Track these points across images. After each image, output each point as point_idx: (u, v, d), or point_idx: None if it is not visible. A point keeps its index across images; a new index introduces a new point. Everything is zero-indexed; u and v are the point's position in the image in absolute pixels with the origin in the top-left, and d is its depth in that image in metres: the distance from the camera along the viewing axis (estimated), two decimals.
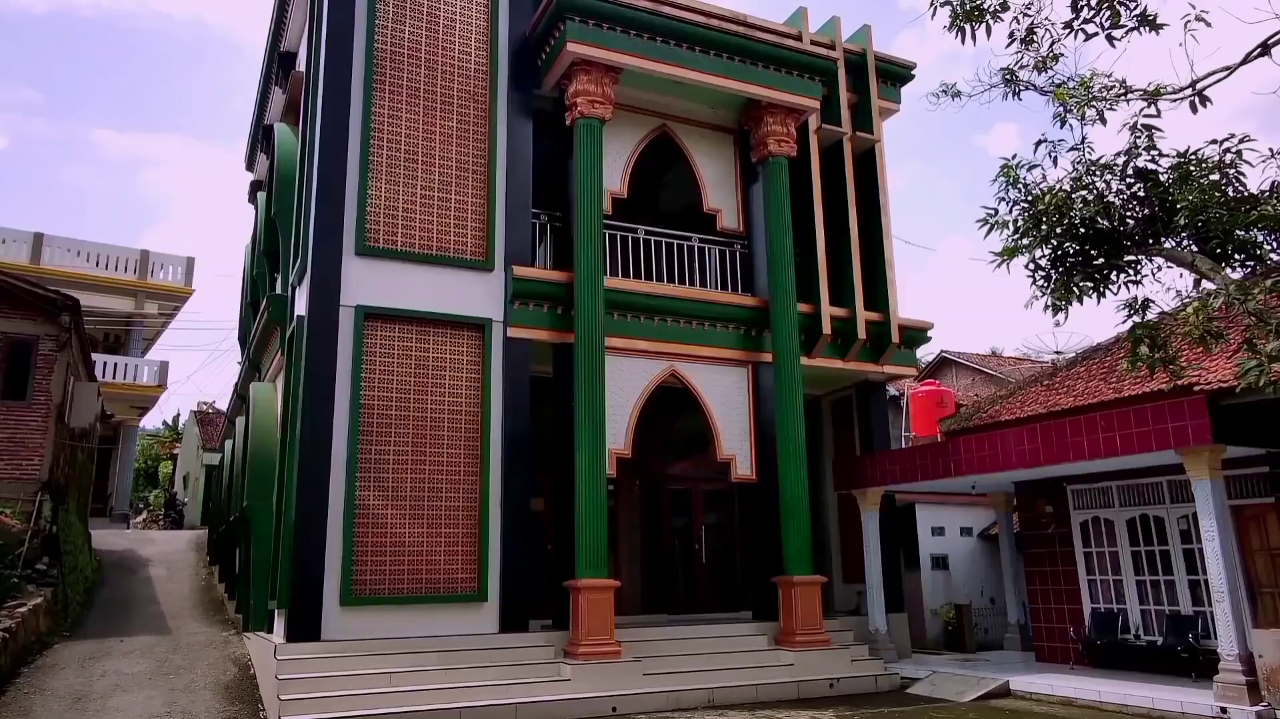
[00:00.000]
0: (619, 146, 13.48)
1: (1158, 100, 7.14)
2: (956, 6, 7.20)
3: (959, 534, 18.61)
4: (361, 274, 11.48)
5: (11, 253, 24.55)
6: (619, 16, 12.56)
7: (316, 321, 11.16)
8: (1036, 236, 7.86)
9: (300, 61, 15.31)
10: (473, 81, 12.74)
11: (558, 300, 12.39)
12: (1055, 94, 7.49)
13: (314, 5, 13.40)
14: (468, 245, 12.21)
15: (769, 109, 13.86)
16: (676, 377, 13.21)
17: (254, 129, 20.03)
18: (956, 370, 27.60)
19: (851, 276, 14.60)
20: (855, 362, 14.62)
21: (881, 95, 15.86)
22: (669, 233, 14.13)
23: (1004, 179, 8.11)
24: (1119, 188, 7.62)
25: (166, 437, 38.85)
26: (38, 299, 13.88)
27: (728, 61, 13.41)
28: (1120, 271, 7.63)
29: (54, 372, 14.01)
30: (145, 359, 27.61)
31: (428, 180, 12.15)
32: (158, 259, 27.39)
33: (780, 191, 13.74)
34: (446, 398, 11.70)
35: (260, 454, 12.65)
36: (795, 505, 12.75)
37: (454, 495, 11.46)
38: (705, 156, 14.38)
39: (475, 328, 12.02)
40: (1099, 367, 13.39)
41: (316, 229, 11.43)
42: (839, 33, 15.66)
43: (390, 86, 12.20)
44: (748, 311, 13.66)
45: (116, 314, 26.72)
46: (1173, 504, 12.11)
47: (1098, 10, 6.80)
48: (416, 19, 12.56)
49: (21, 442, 13.49)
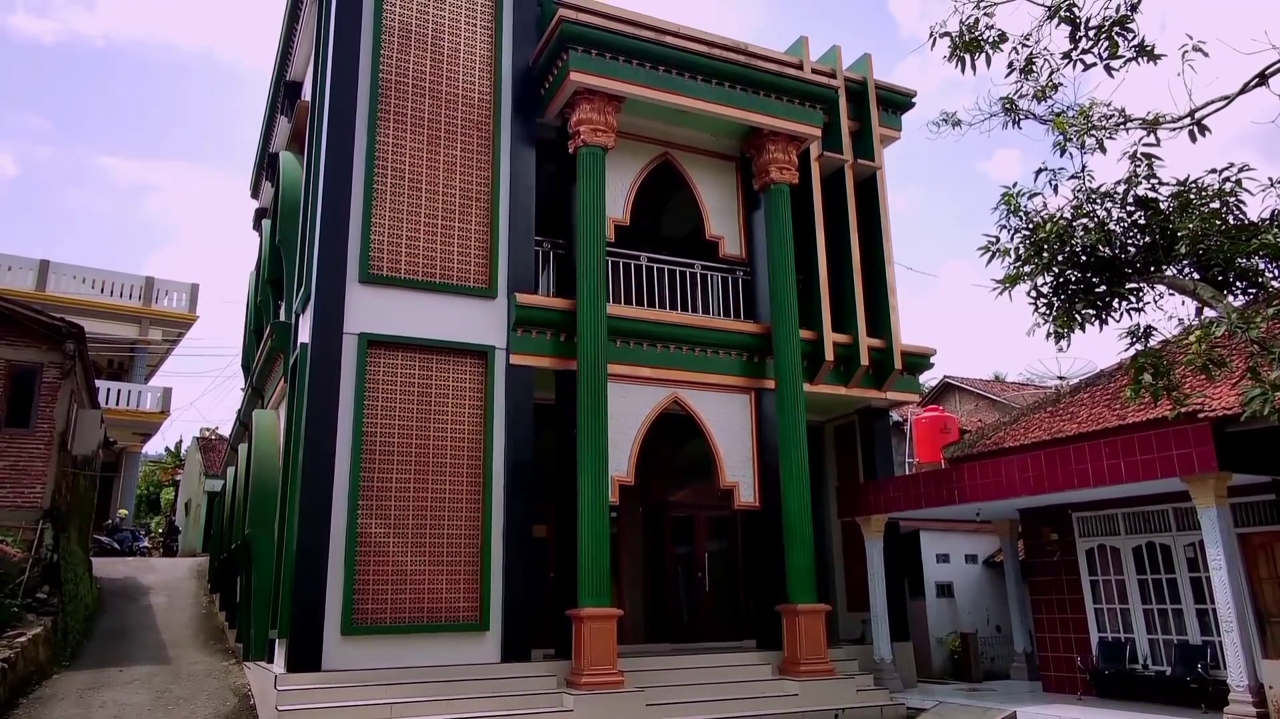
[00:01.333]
0: (621, 174, 13.57)
1: (1157, 129, 7.17)
2: (955, 38, 7.26)
3: (964, 561, 18.47)
4: (365, 302, 11.52)
5: (17, 280, 24.70)
6: (622, 46, 12.68)
7: (320, 349, 11.18)
8: (1038, 264, 7.87)
9: (306, 91, 15.46)
10: (476, 110, 12.84)
11: (560, 327, 12.41)
12: (1055, 123, 7.53)
13: (320, 36, 13.56)
14: (471, 273, 12.26)
15: (771, 137, 13.95)
16: (679, 403, 13.20)
17: (259, 157, 20.20)
18: (960, 396, 27.56)
19: (854, 303, 14.62)
20: (858, 388, 14.60)
21: (882, 123, 15.96)
22: (671, 260, 14.18)
23: (1005, 207, 8.14)
24: (1120, 216, 7.64)
25: (169, 463, 38.79)
26: (42, 327, 13.91)
27: (730, 90, 13.51)
28: (1122, 299, 7.63)
29: (57, 399, 14.01)
30: (148, 385, 27.66)
31: (431, 208, 12.22)
32: (162, 286, 27.53)
33: (782, 219, 13.80)
34: (449, 425, 11.70)
35: (262, 481, 12.62)
36: (799, 533, 12.69)
37: (456, 523, 11.42)
38: (707, 184, 14.46)
39: (478, 355, 12.03)
40: (1103, 393, 13.37)
41: (320, 256, 11.49)
42: (840, 61, 15.79)
43: (394, 116, 12.30)
44: (750, 338, 13.68)
45: (121, 340, 26.81)
46: (1179, 532, 12.02)
47: (1095, 41, 6.85)
48: (421, 49, 12.69)
49: (24, 469, 13.47)
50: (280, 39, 17.08)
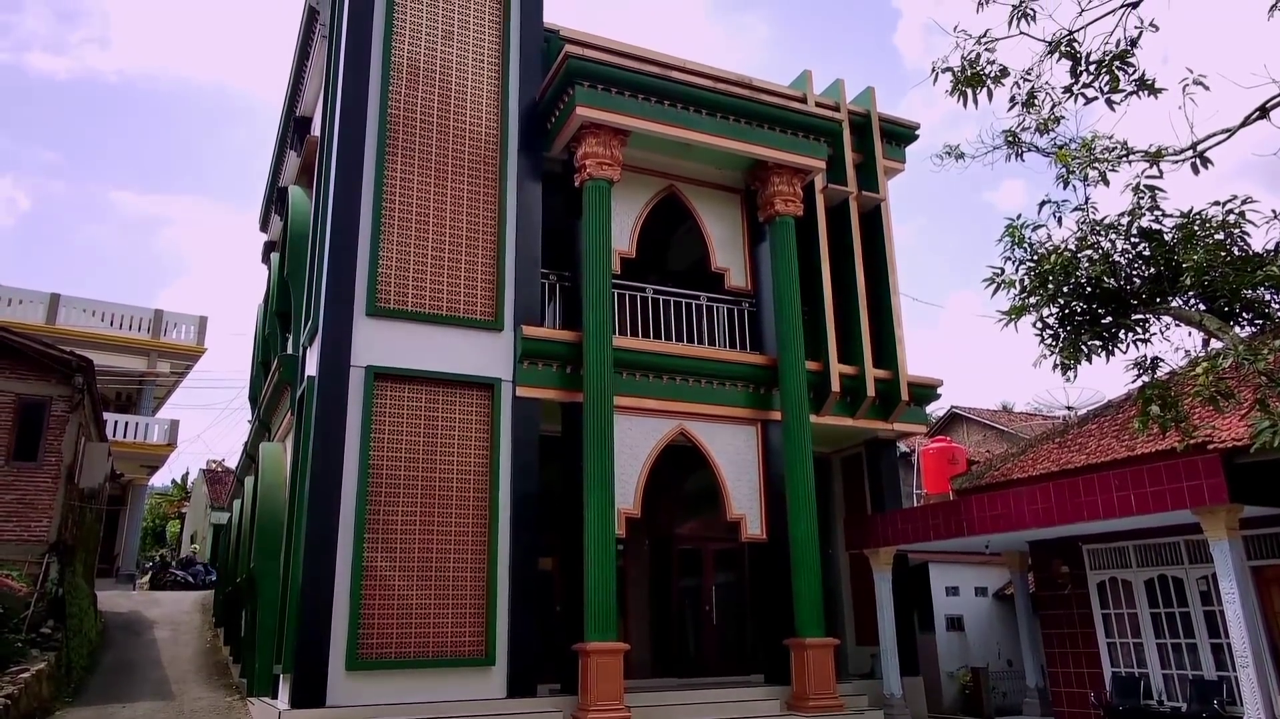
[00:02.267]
0: (627, 207, 13.66)
1: (1159, 162, 7.21)
2: (957, 73, 7.32)
3: (974, 594, 18.29)
4: (372, 335, 11.56)
5: (28, 313, 24.89)
6: (628, 81, 12.82)
7: (327, 382, 11.21)
8: (1043, 296, 7.87)
9: (315, 126, 15.65)
10: (483, 145, 12.97)
11: (566, 360, 12.43)
12: (1057, 156, 7.57)
13: (329, 72, 13.74)
14: (477, 306, 12.31)
15: (775, 169, 14.04)
16: (686, 435, 13.17)
17: (269, 191, 20.40)
18: (967, 426, 27.44)
19: (860, 334, 14.62)
20: (865, 419, 14.56)
21: (886, 155, 16.06)
22: (677, 292, 14.22)
23: (1009, 239, 8.16)
24: (1124, 247, 7.65)
25: (175, 495, 38.80)
26: (52, 360, 14.00)
27: (734, 124, 13.62)
28: (1128, 330, 7.62)
29: (65, 432, 14.06)
30: (156, 418, 27.73)
31: (438, 242, 12.31)
32: (171, 318, 27.70)
33: (787, 250, 13.85)
34: (455, 458, 11.68)
35: (268, 515, 12.61)
36: (806, 566, 12.59)
37: (462, 556, 11.37)
38: (712, 216, 14.54)
39: (484, 388, 12.04)
40: (1111, 424, 13.30)
41: (328, 290, 11.55)
42: (843, 95, 15.94)
43: (402, 151, 12.43)
44: (756, 370, 13.67)
45: (129, 373, 26.93)
46: (1191, 565, 11.90)
47: (1096, 75, 6.91)
48: (429, 86, 12.85)
49: (30, 503, 13.48)
50: (290, 75, 17.33)
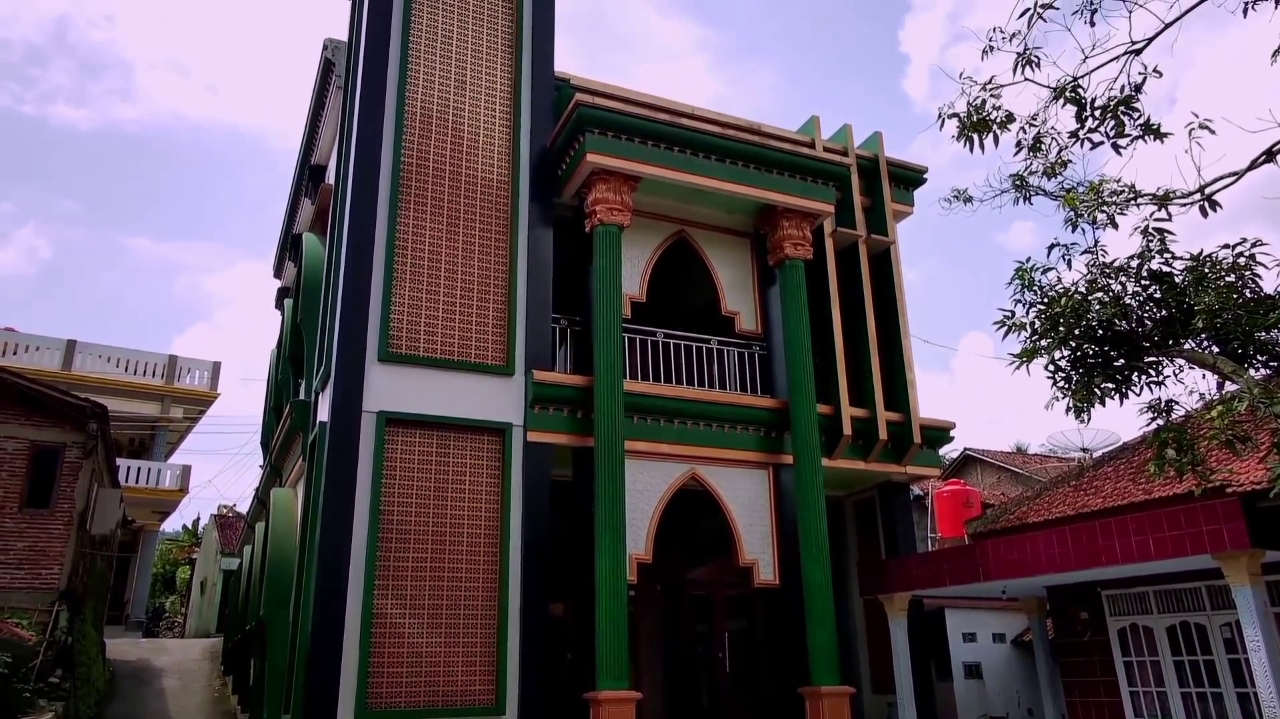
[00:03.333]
0: (637, 252, 13.75)
1: (1168, 204, 7.23)
2: (963, 118, 7.39)
3: (991, 641, 17.98)
4: (384, 380, 11.60)
5: (44, 360, 25.12)
6: (637, 128, 12.98)
7: (338, 427, 11.23)
8: (1055, 338, 7.86)
9: (330, 174, 15.89)
10: (495, 192, 13.12)
11: (577, 404, 12.43)
12: (1065, 199, 7.61)
13: (344, 122, 13.99)
14: (489, 351, 12.35)
15: (784, 214, 14.13)
16: (697, 479, 13.10)
17: (283, 238, 20.67)
18: (981, 469, 27.21)
19: (871, 377, 14.59)
20: (877, 463, 14.46)
21: (895, 199, 16.16)
22: (688, 335, 14.25)
23: (1019, 281, 8.17)
24: (1134, 290, 7.65)
25: (185, 541, 38.72)
26: (66, 407, 14.08)
27: (744, 169, 13.75)
28: (1141, 373, 7.58)
29: (78, 479, 14.09)
30: (168, 463, 27.80)
31: (450, 288, 12.40)
32: (185, 364, 27.90)
33: (797, 294, 13.88)
34: (466, 503, 11.64)
35: (278, 561, 12.56)
36: (820, 612, 12.42)
37: (472, 603, 11.27)
38: (722, 260, 14.62)
39: (495, 432, 12.04)
40: (1127, 466, 13.16)
41: (341, 335, 11.63)
42: (851, 139, 16.09)
43: (415, 198, 12.58)
44: (767, 413, 13.63)
45: (143, 418, 27.06)
46: (1214, 611, 11.67)
47: (1102, 120, 6.96)
48: (442, 134, 13.05)
49: (42, 550, 13.47)
50: (306, 125, 17.65)
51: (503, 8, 14.08)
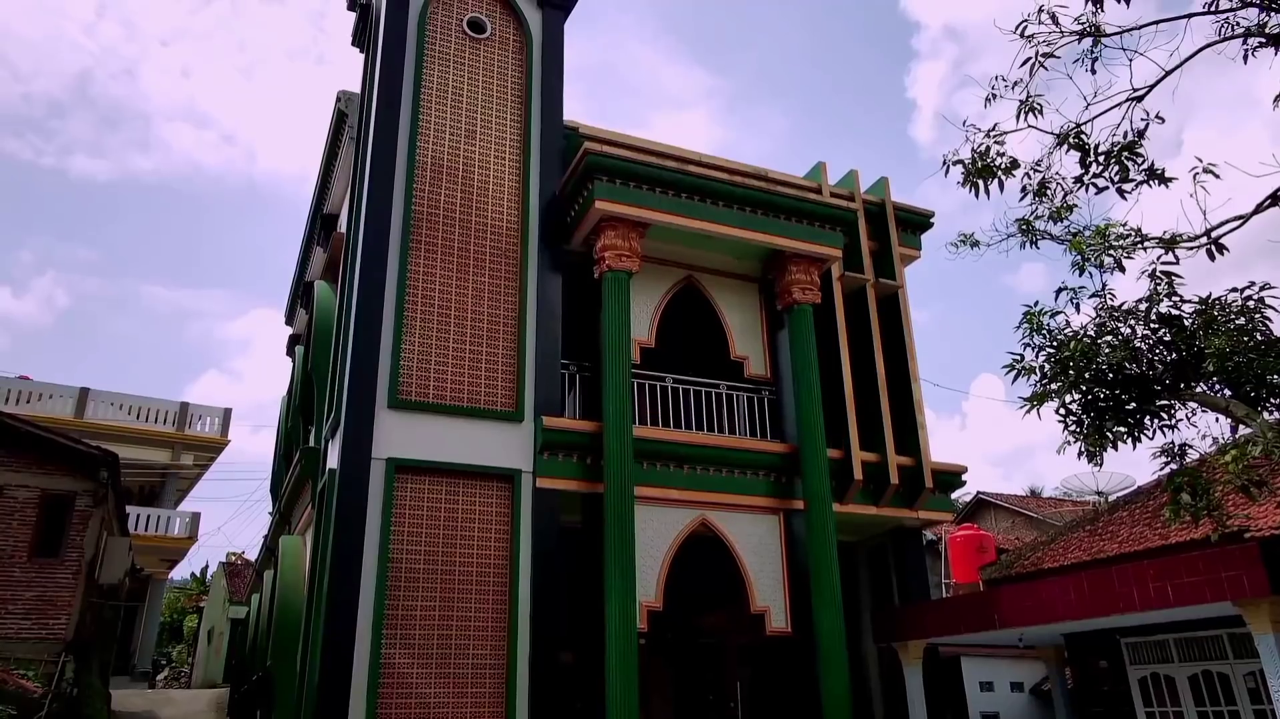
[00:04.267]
0: (646, 297, 13.81)
1: (1175, 248, 7.24)
2: (968, 164, 7.46)
3: (1009, 690, 17.63)
4: (394, 427, 11.62)
5: (57, 407, 25.27)
6: (645, 175, 13.12)
7: (348, 475, 11.22)
8: (1065, 382, 7.83)
9: (342, 224, 16.08)
10: (505, 239, 13.25)
11: (587, 450, 12.39)
12: (1071, 244, 7.63)
13: (356, 172, 14.20)
14: (498, 397, 12.37)
15: (792, 259, 14.20)
16: (707, 525, 13.00)
17: (295, 285, 20.87)
18: (995, 513, 26.92)
19: (881, 421, 14.51)
20: (889, 508, 14.32)
21: (902, 243, 16.22)
22: (697, 380, 14.24)
23: (1028, 325, 8.17)
24: (1144, 333, 7.63)
25: (193, 589, 38.50)
26: (78, 455, 14.12)
27: (751, 215, 13.85)
28: (1154, 416, 7.53)
29: (88, 528, 14.08)
30: (177, 511, 27.78)
31: (460, 334, 12.46)
32: (196, 411, 28.02)
33: (806, 338, 13.89)
34: (475, 550, 11.57)
35: (286, 610, 12.48)
36: (834, 660, 12.22)
37: (481, 651, 11.14)
38: (731, 305, 14.66)
39: (505, 479, 12.00)
40: (1143, 510, 13.01)
41: (351, 382, 11.67)
42: (858, 185, 16.22)
43: (425, 245, 12.71)
44: (777, 458, 13.55)
45: (154, 465, 27.11)
46: (1237, 659, 11.43)
47: (1106, 166, 7.01)
48: (452, 182, 13.22)
49: (50, 600, 13.41)
50: (319, 175, 17.92)
51: (513, 59, 14.36)
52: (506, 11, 14.58)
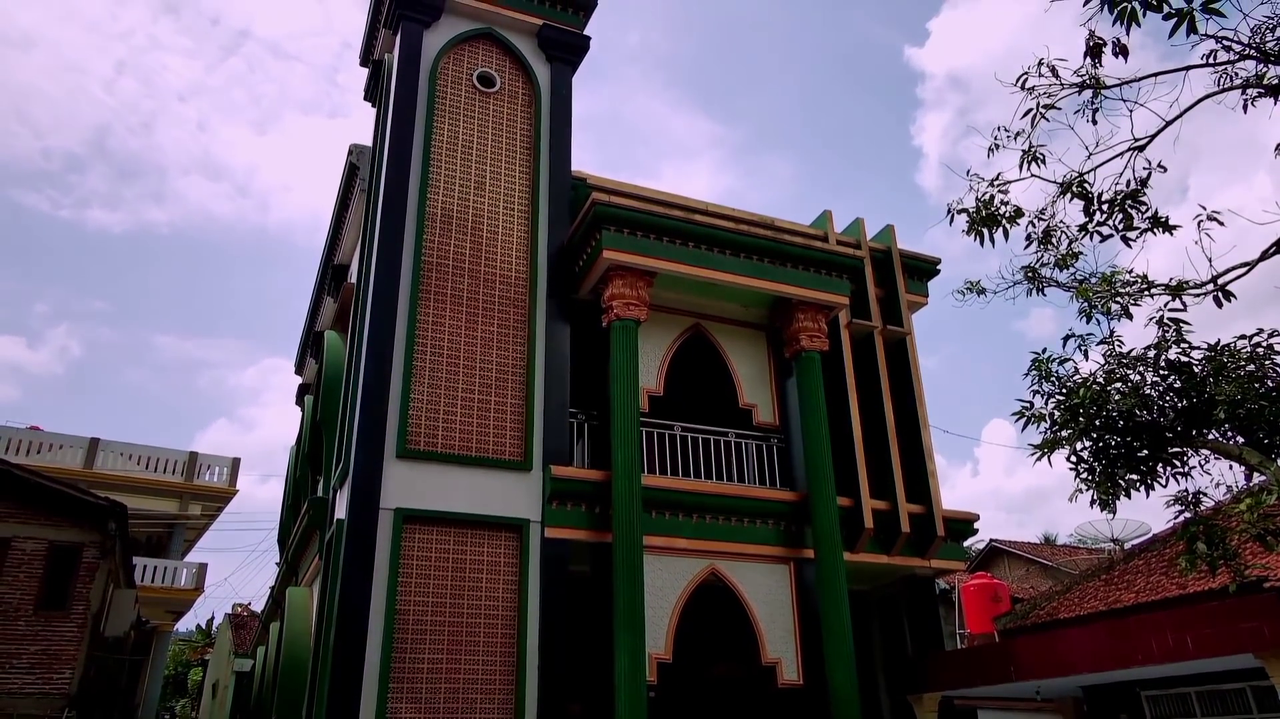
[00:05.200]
0: (654, 345, 13.84)
1: (1181, 294, 7.24)
2: (972, 213, 7.51)
3: None
4: (402, 476, 11.59)
5: (67, 458, 25.30)
6: (653, 224, 13.23)
7: (356, 525, 11.17)
8: (1075, 429, 7.78)
9: (352, 274, 16.24)
10: (513, 288, 13.34)
11: (595, 500, 12.33)
12: (1078, 291, 7.64)
13: (367, 223, 14.37)
14: (506, 446, 12.35)
15: (799, 306, 14.24)
16: (717, 575, 12.86)
17: (305, 335, 21.00)
18: (1009, 561, 26.58)
19: (891, 469, 14.42)
20: (900, 556, 14.16)
21: (909, 290, 16.27)
22: (705, 429, 14.20)
23: (1036, 372, 8.15)
24: (1153, 380, 7.60)
25: (198, 640, 38.13)
26: (86, 507, 14.11)
27: (758, 263, 13.93)
28: (1166, 464, 7.47)
29: (94, 580, 14.00)
30: (184, 562, 27.61)
31: (469, 383, 12.49)
32: (204, 461, 28.00)
33: (814, 386, 13.87)
34: (483, 601, 11.46)
35: (292, 662, 12.34)
36: (847, 714, 11.96)
37: (489, 703, 10.97)
38: (739, 353, 14.67)
39: (513, 529, 11.93)
40: (1159, 559, 12.82)
41: (360, 432, 11.68)
42: (864, 232, 16.33)
43: (435, 295, 12.81)
44: (787, 507, 13.45)
45: (161, 516, 27.03)
46: (1260, 714, 11.16)
47: (1110, 214, 7.05)
48: (461, 233, 13.36)
49: (55, 654, 13.28)
50: (330, 226, 18.14)
51: (522, 112, 14.60)
52: (515, 66, 14.87)
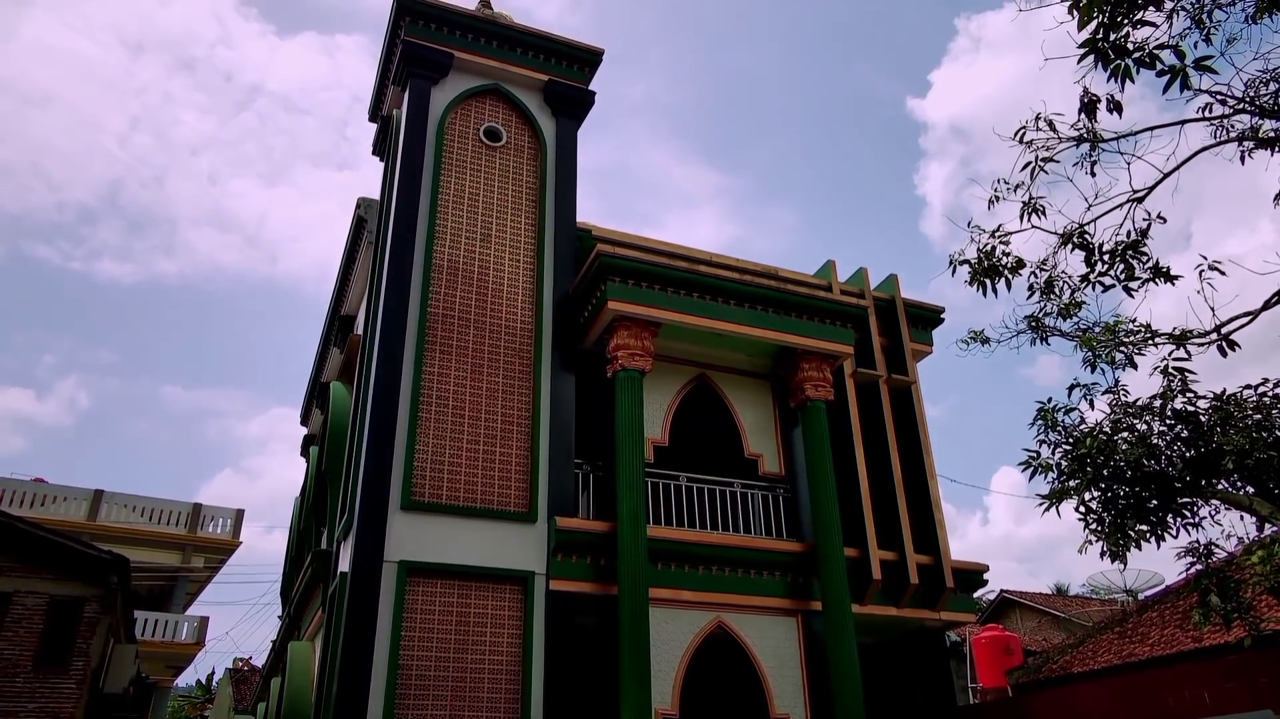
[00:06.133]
0: (659, 395, 13.85)
1: (1185, 344, 7.25)
2: (974, 264, 7.56)
3: None
4: (406, 529, 11.53)
5: (70, 510, 25.22)
6: (657, 275, 13.31)
7: (359, 578, 11.08)
8: (1083, 479, 7.73)
9: (358, 324, 16.33)
10: (519, 339, 13.40)
11: (600, 551, 12.22)
12: (1081, 340, 7.65)
13: (374, 275, 14.50)
14: (511, 497, 12.30)
15: (804, 356, 14.26)
16: (724, 628, 12.69)
17: (311, 386, 21.05)
18: (1021, 612, 26.19)
19: (898, 519, 14.31)
20: (909, 608, 13.97)
21: (913, 339, 16.30)
22: (710, 479, 14.13)
23: (1042, 422, 8.12)
24: (1160, 429, 7.57)
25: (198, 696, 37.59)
26: (87, 561, 14.01)
27: (763, 313, 13.98)
28: (1176, 514, 7.40)
29: (95, 635, 13.84)
30: (185, 615, 27.35)
31: (473, 434, 12.48)
32: (208, 512, 27.90)
33: (820, 435, 13.82)
34: (486, 655, 11.31)
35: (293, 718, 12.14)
36: None
37: None
38: (744, 402, 14.66)
39: (517, 581, 11.82)
40: (1173, 611, 12.62)
41: (364, 484, 11.64)
42: (867, 281, 16.41)
43: (440, 346, 12.86)
44: (794, 558, 13.32)
45: (164, 569, 26.84)
46: None
47: (1111, 265, 7.09)
48: (467, 284, 13.46)
49: (52, 713, 13.07)
50: (337, 278, 18.29)
51: (528, 165, 14.81)
52: (522, 120, 15.12)
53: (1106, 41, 5.63)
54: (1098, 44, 5.69)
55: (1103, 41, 5.66)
